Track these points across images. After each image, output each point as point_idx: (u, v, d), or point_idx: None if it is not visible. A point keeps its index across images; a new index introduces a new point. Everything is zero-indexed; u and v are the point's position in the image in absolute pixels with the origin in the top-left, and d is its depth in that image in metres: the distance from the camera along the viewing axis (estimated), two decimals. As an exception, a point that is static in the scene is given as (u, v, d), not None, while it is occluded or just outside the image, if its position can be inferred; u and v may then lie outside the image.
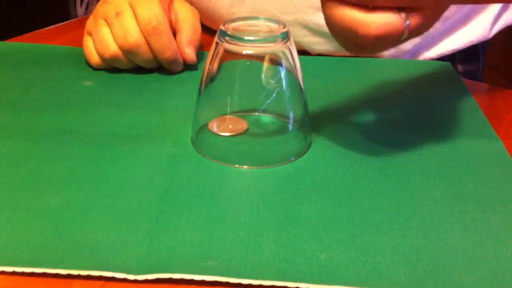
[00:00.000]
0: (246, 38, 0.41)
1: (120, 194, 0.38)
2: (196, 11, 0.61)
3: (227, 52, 0.42)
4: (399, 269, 0.32)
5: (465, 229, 0.36)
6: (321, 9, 0.41)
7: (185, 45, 0.57)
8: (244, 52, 0.41)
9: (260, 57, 0.42)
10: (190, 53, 0.57)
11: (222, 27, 0.42)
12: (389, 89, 0.55)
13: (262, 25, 0.43)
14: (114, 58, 0.55)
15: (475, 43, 0.66)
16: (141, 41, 0.54)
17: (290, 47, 0.42)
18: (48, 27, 0.72)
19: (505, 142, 0.46)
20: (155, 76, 0.57)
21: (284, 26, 0.42)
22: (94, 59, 0.56)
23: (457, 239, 0.35)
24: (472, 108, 0.52)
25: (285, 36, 0.42)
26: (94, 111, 0.49)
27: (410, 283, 0.32)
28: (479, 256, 0.34)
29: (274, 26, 0.43)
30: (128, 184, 0.39)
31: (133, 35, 0.53)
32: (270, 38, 0.42)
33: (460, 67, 0.70)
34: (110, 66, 0.57)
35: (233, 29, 0.42)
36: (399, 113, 0.51)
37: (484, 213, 0.38)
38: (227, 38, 0.41)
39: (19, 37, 0.67)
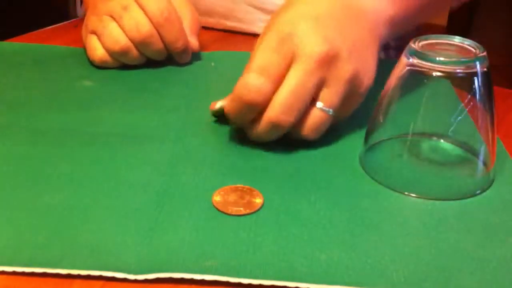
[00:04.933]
0: (437, 59, 0.38)
1: (120, 194, 0.38)
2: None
3: (414, 70, 0.39)
4: (399, 269, 0.32)
5: (465, 229, 0.36)
6: None
7: (189, 34, 0.59)
8: (434, 74, 0.38)
9: (450, 79, 0.39)
10: (194, 42, 0.59)
11: (412, 45, 0.39)
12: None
13: (457, 44, 0.40)
14: (124, 51, 0.55)
15: None
16: (153, 32, 0.55)
17: (488, 74, 0.39)
18: (48, 27, 0.72)
19: (505, 142, 0.46)
20: (155, 76, 0.57)
21: (483, 50, 0.39)
22: (99, 55, 0.56)
23: (457, 239, 0.35)
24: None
25: (483, 61, 0.38)
26: (94, 111, 0.49)
27: (410, 283, 0.32)
28: (479, 256, 0.34)
29: (470, 48, 0.40)
30: (128, 184, 0.39)
31: (145, 26, 0.54)
32: (465, 61, 0.38)
33: (392, 43, 0.72)
34: (116, 62, 0.57)
35: (423, 46, 0.39)
36: (398, 113, 0.51)
37: (484, 213, 0.38)
38: (415, 56, 0.39)
39: (19, 37, 0.67)
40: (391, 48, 0.74)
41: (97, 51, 0.56)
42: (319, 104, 0.42)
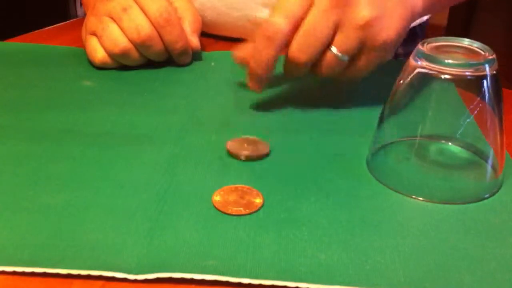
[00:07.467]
0: (446, 61, 0.37)
1: (120, 194, 0.38)
2: None
3: (423, 73, 0.39)
4: (399, 269, 0.32)
5: (465, 229, 0.36)
6: (266, 5, 0.50)
7: (190, 33, 0.59)
8: (442, 77, 0.38)
9: (458, 82, 0.38)
10: (195, 41, 0.59)
11: (420, 47, 0.39)
12: (382, 90, 0.55)
13: (466, 47, 0.40)
14: (124, 53, 0.55)
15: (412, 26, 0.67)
16: (154, 33, 0.55)
17: (497, 77, 0.38)
18: (48, 27, 0.72)
19: (505, 142, 0.46)
20: (155, 76, 0.57)
21: (492, 53, 0.38)
22: (100, 56, 0.56)
23: (457, 239, 0.35)
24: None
25: (492, 64, 0.38)
26: (94, 111, 0.49)
27: (410, 283, 0.32)
28: (479, 256, 0.34)
29: (479, 50, 0.39)
30: (128, 184, 0.39)
31: (145, 28, 0.54)
32: (474, 64, 0.37)
33: (400, 49, 0.72)
34: (116, 64, 0.57)
35: (432, 49, 0.39)
36: (405, 115, 0.51)
37: (484, 213, 0.38)
38: (424, 58, 0.38)
39: (19, 37, 0.67)
40: (401, 55, 0.73)
41: (97, 52, 0.56)
42: (332, 48, 0.46)
